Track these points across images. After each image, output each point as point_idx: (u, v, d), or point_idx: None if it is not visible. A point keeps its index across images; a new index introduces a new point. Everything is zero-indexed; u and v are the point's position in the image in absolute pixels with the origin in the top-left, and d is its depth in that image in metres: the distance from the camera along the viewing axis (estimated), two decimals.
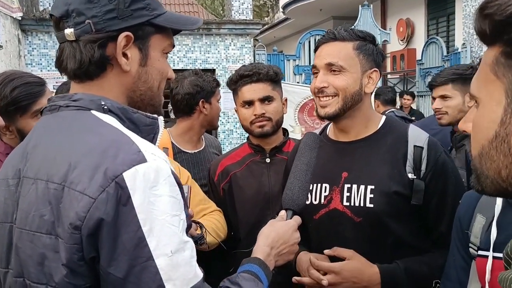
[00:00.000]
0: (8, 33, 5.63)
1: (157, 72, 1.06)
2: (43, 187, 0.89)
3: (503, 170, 0.65)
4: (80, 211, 0.83)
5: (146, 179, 0.84)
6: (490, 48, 0.67)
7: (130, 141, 0.89)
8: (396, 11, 13.56)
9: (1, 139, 1.76)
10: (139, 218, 0.83)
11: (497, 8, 0.62)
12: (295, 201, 1.34)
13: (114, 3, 0.96)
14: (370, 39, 1.60)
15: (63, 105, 0.98)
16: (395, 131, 1.60)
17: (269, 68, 2.04)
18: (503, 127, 0.64)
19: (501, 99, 0.64)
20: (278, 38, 19.75)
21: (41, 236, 0.88)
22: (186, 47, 7.09)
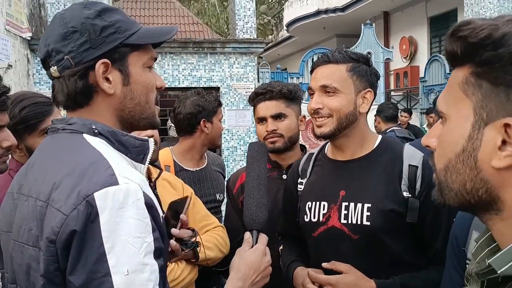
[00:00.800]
0: (18, 53, 5.75)
1: (142, 87, 1.10)
2: (32, 204, 0.97)
3: (468, 183, 0.69)
4: (55, 226, 0.90)
5: (115, 200, 0.90)
6: (459, 68, 0.70)
7: (106, 165, 0.95)
8: (399, 29, 13.69)
9: (12, 157, 1.83)
10: (103, 235, 0.88)
11: (471, 32, 0.66)
12: (255, 220, 1.36)
13: (85, 35, 1.02)
14: (364, 60, 1.65)
15: (61, 128, 1.06)
16: (390, 151, 1.64)
17: (283, 86, 2.10)
18: (471, 142, 0.67)
19: (469, 115, 0.68)
20: (282, 55, 19.92)
21: (28, 248, 0.96)
22: (191, 65, 7.20)
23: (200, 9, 21.79)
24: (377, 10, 13.78)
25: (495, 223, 0.70)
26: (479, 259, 0.74)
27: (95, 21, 1.04)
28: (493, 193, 0.67)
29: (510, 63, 0.62)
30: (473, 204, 0.70)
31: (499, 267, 0.64)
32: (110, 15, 1.06)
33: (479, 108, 0.66)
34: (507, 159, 0.64)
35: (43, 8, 6.67)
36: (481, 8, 8.36)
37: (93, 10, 1.06)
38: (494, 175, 0.66)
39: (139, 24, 1.14)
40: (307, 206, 1.67)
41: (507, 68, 0.63)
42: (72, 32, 1.03)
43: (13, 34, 5.51)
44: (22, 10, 5.80)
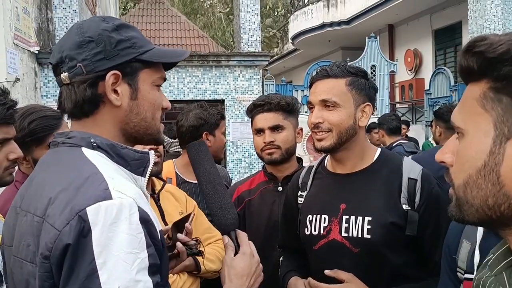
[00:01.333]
0: (26, 66, 5.83)
1: (149, 104, 1.11)
2: (30, 220, 0.97)
3: (490, 198, 0.68)
4: (48, 242, 0.89)
5: (107, 215, 0.89)
6: (475, 83, 0.71)
7: (100, 179, 0.94)
8: (403, 42, 13.73)
9: (19, 169, 1.86)
10: (95, 251, 0.87)
11: (488, 47, 0.66)
12: (225, 223, 1.33)
13: (101, 46, 1.04)
14: (362, 74, 1.67)
15: (60, 141, 1.07)
16: (390, 164, 1.66)
17: (281, 98, 2.12)
18: (492, 157, 0.67)
19: (489, 130, 0.67)
20: (288, 68, 20.00)
21: (27, 264, 0.96)
22: (196, 78, 7.25)
23: (206, 23, 22.00)
24: (382, 23, 13.84)
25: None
26: (496, 271, 0.74)
27: (112, 34, 1.06)
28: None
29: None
30: (494, 220, 0.69)
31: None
32: (126, 31, 1.09)
33: (499, 123, 0.67)
34: None
35: (51, 22, 6.77)
36: (485, 21, 8.39)
37: (111, 24, 1.08)
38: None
39: (153, 44, 1.16)
40: (307, 219, 1.68)
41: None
42: (88, 42, 1.04)
43: (21, 48, 5.59)
44: (30, 24, 5.90)
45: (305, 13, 15.16)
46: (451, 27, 12.14)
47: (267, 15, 22.42)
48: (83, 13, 7.24)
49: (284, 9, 23.29)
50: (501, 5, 8.23)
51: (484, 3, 8.36)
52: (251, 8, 7.87)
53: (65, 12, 6.83)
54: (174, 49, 1.21)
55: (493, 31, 8.23)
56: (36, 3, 6.20)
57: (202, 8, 22.93)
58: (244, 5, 7.82)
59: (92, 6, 8.56)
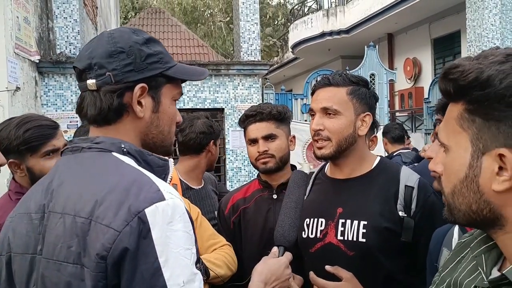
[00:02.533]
0: (26, 75, 5.86)
1: (168, 117, 1.16)
2: (70, 221, 0.97)
3: (473, 205, 0.77)
4: (106, 242, 0.91)
5: (164, 215, 0.93)
6: (454, 104, 0.79)
7: (150, 181, 0.99)
8: (403, 51, 13.80)
9: (13, 179, 1.88)
10: (157, 250, 0.91)
11: (460, 75, 0.74)
12: (286, 237, 1.43)
13: (131, 58, 1.07)
14: (363, 84, 1.70)
15: (86, 147, 1.08)
16: (388, 171, 1.68)
17: (273, 107, 2.14)
18: (472, 170, 0.76)
19: (467, 147, 0.77)
20: (288, 77, 20.07)
21: (68, 265, 0.96)
22: (195, 87, 7.29)
23: (207, 32, 22.12)
24: (381, 32, 13.91)
25: (499, 235, 0.78)
26: (477, 253, 0.84)
27: (142, 47, 1.09)
28: (496, 212, 0.75)
29: (497, 101, 0.71)
30: (479, 222, 0.79)
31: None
32: (155, 46, 1.13)
33: (475, 140, 0.75)
34: (505, 183, 0.72)
35: (52, 32, 6.82)
36: (484, 30, 8.43)
37: (141, 37, 1.12)
38: (495, 197, 0.74)
39: (175, 60, 1.20)
40: (305, 223, 1.71)
41: (494, 105, 0.71)
42: (119, 52, 1.07)
43: (22, 57, 5.63)
44: (31, 34, 5.94)
45: (305, 22, 15.25)
46: (450, 36, 12.20)
47: (267, 24, 22.56)
48: (84, 23, 7.30)
49: (284, 18, 23.44)
50: (499, 14, 8.29)
51: (482, 12, 8.42)
52: (251, 18, 7.93)
53: (66, 22, 6.88)
54: (195, 67, 1.25)
55: (491, 40, 8.28)
56: (37, 13, 6.25)
57: (202, 17, 23.07)
58: (244, 15, 7.88)
59: (93, 16, 8.62)
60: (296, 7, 19.10)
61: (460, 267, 0.88)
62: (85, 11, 7.59)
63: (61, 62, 6.41)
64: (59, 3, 6.86)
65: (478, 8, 8.58)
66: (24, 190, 1.74)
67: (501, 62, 0.72)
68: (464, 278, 0.84)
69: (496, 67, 0.71)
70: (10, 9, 5.17)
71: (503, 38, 8.22)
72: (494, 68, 0.71)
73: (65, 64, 6.41)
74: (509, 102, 0.70)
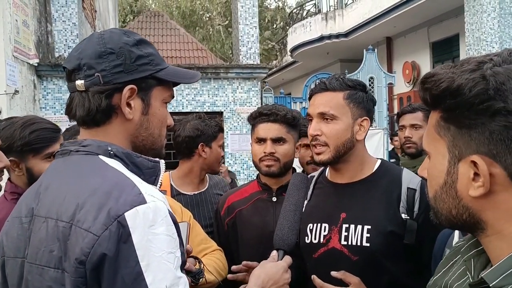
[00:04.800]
0: (24, 79, 5.85)
1: (158, 120, 1.14)
2: (53, 225, 0.96)
3: (453, 210, 0.79)
4: (85, 247, 0.89)
5: (145, 219, 0.91)
6: (433, 111, 0.81)
7: (132, 184, 0.97)
8: (401, 54, 13.81)
9: (9, 179, 1.87)
10: (138, 254, 0.89)
11: (433, 84, 0.76)
12: (285, 241, 1.40)
13: (121, 59, 1.06)
14: (360, 88, 1.68)
15: (74, 150, 1.07)
16: (389, 174, 1.67)
17: (288, 111, 2.10)
18: (449, 176, 0.78)
19: (445, 153, 0.79)
20: (287, 80, 20.08)
21: (49, 270, 0.95)
22: (194, 90, 7.28)
23: (205, 35, 22.14)
24: (380, 36, 13.93)
25: (482, 238, 0.79)
26: (466, 258, 0.86)
27: (132, 49, 1.08)
28: (475, 216, 0.77)
29: (467, 109, 0.72)
30: (460, 226, 0.81)
31: (491, 281, 0.73)
32: (145, 47, 1.12)
33: (451, 147, 0.77)
34: (480, 189, 0.73)
35: (51, 35, 6.82)
36: (482, 33, 8.45)
37: (132, 38, 1.11)
38: (473, 202, 0.76)
39: (166, 63, 1.19)
40: (308, 228, 1.69)
41: (465, 113, 0.73)
42: (109, 53, 1.06)
43: (21, 60, 5.62)
44: (30, 37, 5.94)
45: (304, 25, 15.26)
46: (449, 40, 12.22)
47: (266, 27, 22.60)
48: (82, 26, 7.29)
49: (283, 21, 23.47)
50: (497, 18, 8.31)
51: (480, 16, 8.44)
52: (250, 21, 7.94)
53: (64, 25, 6.89)
54: (187, 70, 1.24)
55: (490, 43, 8.29)
56: (36, 16, 6.25)
57: (201, 20, 23.08)
58: (242, 18, 7.89)
59: (91, 19, 8.62)
60: (294, 11, 19.13)
61: (451, 271, 0.89)
62: (83, 14, 7.59)
63: (59, 65, 6.40)
64: (58, 6, 6.86)
65: (476, 12, 8.60)
66: (19, 190, 1.74)
67: (472, 71, 0.73)
68: (454, 282, 0.85)
69: (466, 75, 0.72)
70: (9, 12, 5.17)
71: (501, 42, 8.23)
72: (465, 77, 0.72)
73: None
74: (478, 110, 0.71)
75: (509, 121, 0.69)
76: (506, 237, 0.74)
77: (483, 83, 0.70)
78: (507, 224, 0.74)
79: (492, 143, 0.71)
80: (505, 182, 0.72)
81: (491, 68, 0.72)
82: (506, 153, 0.71)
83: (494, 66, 0.72)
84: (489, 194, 0.74)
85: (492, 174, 0.72)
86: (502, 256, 0.74)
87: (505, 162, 0.71)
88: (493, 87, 0.70)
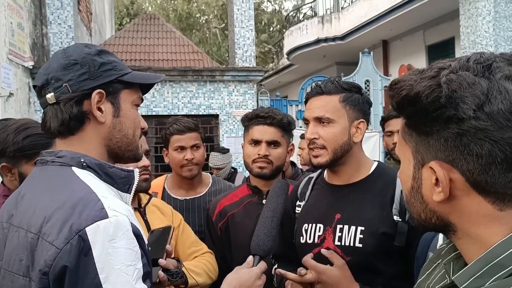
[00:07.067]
0: (19, 81, 5.84)
1: (130, 121, 1.20)
2: (23, 235, 1.01)
3: (422, 213, 0.81)
4: (48, 259, 0.94)
5: (105, 233, 0.95)
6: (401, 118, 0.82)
7: (96, 199, 1.00)
8: (397, 57, 13.86)
9: (2, 182, 1.85)
10: (97, 267, 0.93)
11: (396, 91, 0.78)
12: (260, 246, 1.42)
13: (86, 68, 1.12)
14: (356, 90, 1.69)
15: (50, 160, 1.12)
16: (385, 176, 1.68)
17: (284, 116, 2.12)
18: (415, 181, 0.80)
19: (410, 159, 0.81)
20: (283, 83, 20.10)
21: (19, 277, 1.00)
22: (190, 93, 7.27)
23: (202, 38, 22.15)
24: (376, 39, 13.98)
25: (455, 241, 0.81)
26: (446, 261, 0.87)
27: (94, 58, 1.14)
28: (444, 219, 0.78)
29: (424, 116, 0.74)
30: (432, 228, 0.83)
31: (461, 283, 0.73)
32: (107, 56, 1.18)
33: (415, 153, 0.79)
34: (441, 194, 0.75)
35: (46, 38, 6.81)
36: (477, 37, 8.49)
37: (94, 49, 1.17)
38: (439, 206, 0.77)
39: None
40: (303, 228, 1.71)
41: (423, 120, 0.75)
42: (73, 64, 1.12)
43: (16, 63, 5.60)
44: (25, 39, 5.92)
45: (300, 28, 15.29)
46: (444, 43, 12.27)
47: (262, 30, 22.62)
48: (78, 29, 7.28)
49: (279, 24, 23.52)
50: (492, 21, 8.35)
51: (476, 19, 8.48)
52: (246, 24, 7.95)
53: (60, 28, 6.87)
54: (150, 73, 1.31)
55: (485, 46, 8.33)
56: (31, 19, 6.24)
57: (197, 23, 23.10)
58: (239, 21, 7.89)
59: (87, 22, 8.61)
60: (291, 14, 19.17)
61: (433, 274, 0.90)
62: (79, 17, 7.58)
63: None
64: (53, 9, 6.85)
65: (472, 15, 8.64)
66: None
67: (431, 77, 0.73)
68: (435, 285, 0.86)
69: (425, 82, 0.73)
70: (4, 15, 5.16)
71: (496, 45, 8.28)
72: (423, 84, 0.73)
73: None
74: (432, 118, 0.73)
75: (461, 128, 0.70)
76: (474, 240, 0.75)
77: (437, 91, 0.71)
78: (473, 227, 0.75)
79: (448, 149, 0.73)
80: (464, 187, 0.73)
81: (447, 75, 0.72)
82: (461, 159, 0.72)
83: (450, 73, 0.72)
84: (452, 199, 0.75)
85: (451, 179, 0.74)
86: (474, 258, 0.74)
87: (461, 167, 0.72)
88: (445, 94, 0.70)
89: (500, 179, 0.70)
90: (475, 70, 0.71)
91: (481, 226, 0.74)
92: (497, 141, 0.69)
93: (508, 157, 0.69)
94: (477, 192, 0.73)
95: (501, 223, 0.73)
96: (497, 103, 0.69)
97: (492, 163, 0.70)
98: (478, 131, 0.69)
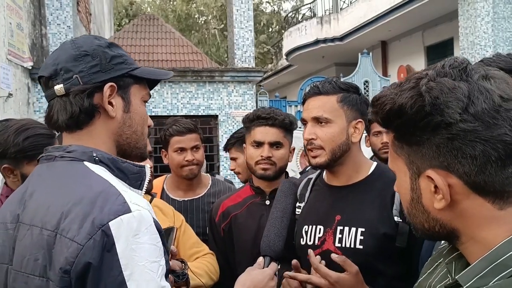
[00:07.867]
0: (19, 82, 5.83)
1: (139, 117, 1.16)
2: (37, 233, 0.96)
3: (425, 223, 0.82)
4: (69, 256, 0.90)
5: (129, 228, 0.92)
6: (389, 132, 0.83)
7: (116, 192, 0.97)
8: (396, 58, 13.87)
9: (5, 183, 1.85)
10: (121, 263, 0.90)
11: (379, 107, 0.79)
12: (271, 247, 1.42)
13: (97, 60, 1.08)
14: (354, 90, 1.69)
15: (58, 156, 1.06)
16: (384, 177, 1.67)
17: (286, 116, 2.10)
18: (413, 192, 0.81)
19: (406, 171, 0.81)
20: (282, 84, 20.09)
21: (34, 278, 0.95)
22: (189, 93, 7.27)
23: (201, 39, 22.13)
24: (374, 40, 13.99)
25: (459, 246, 0.81)
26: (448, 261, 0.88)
27: (106, 50, 1.11)
28: (447, 227, 0.79)
29: (412, 127, 0.75)
30: (436, 237, 0.84)
31: (465, 283, 0.74)
32: (117, 49, 1.15)
33: (409, 164, 0.80)
34: (443, 201, 0.75)
35: (45, 38, 6.80)
36: (476, 37, 8.50)
37: (103, 41, 1.14)
38: (441, 214, 0.78)
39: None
40: (303, 230, 1.70)
41: (411, 131, 0.76)
42: (84, 55, 1.08)
43: (15, 63, 5.60)
44: (24, 40, 5.92)
45: (299, 29, 15.30)
46: (443, 44, 12.29)
47: (261, 31, 22.60)
48: (77, 29, 7.28)
49: (278, 25, 23.51)
50: (491, 22, 8.36)
51: (474, 20, 8.49)
52: (245, 25, 7.95)
53: (59, 28, 6.87)
54: (159, 69, 1.27)
55: (484, 47, 8.34)
56: (31, 19, 6.23)
57: (196, 24, 23.09)
58: (238, 22, 7.89)
59: (86, 22, 8.61)
60: (290, 15, 19.18)
61: (435, 273, 0.90)
62: (78, 17, 7.58)
63: None
64: (53, 9, 6.85)
65: (470, 16, 8.65)
66: None
67: (411, 88, 0.74)
68: (436, 283, 0.86)
69: (406, 94, 0.74)
70: (3, 15, 5.15)
71: (495, 46, 8.29)
72: (404, 96, 0.74)
73: None
74: (420, 127, 0.73)
75: (451, 133, 0.71)
76: (479, 242, 0.76)
77: (420, 100, 0.72)
78: (478, 229, 0.76)
79: (441, 155, 0.73)
80: (463, 191, 0.74)
81: (426, 84, 0.73)
82: (456, 163, 0.72)
83: (428, 81, 0.73)
84: (453, 204, 0.75)
85: (450, 185, 0.74)
86: (478, 259, 0.75)
87: (458, 171, 0.73)
88: (429, 102, 0.71)
89: (497, 177, 0.71)
90: (452, 75, 0.73)
91: (484, 228, 0.75)
92: (488, 140, 0.70)
93: (502, 154, 0.70)
94: (477, 193, 0.74)
95: (503, 223, 0.74)
96: (480, 103, 0.70)
97: (487, 162, 0.70)
98: (467, 133, 0.70)
